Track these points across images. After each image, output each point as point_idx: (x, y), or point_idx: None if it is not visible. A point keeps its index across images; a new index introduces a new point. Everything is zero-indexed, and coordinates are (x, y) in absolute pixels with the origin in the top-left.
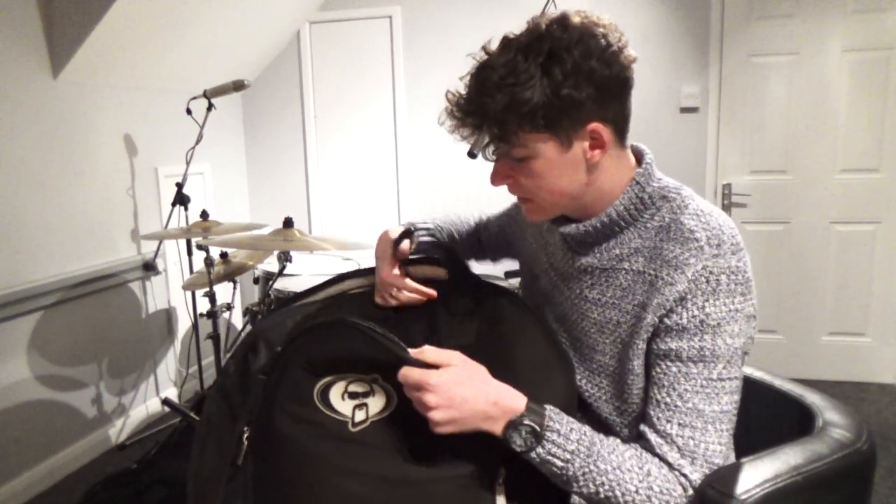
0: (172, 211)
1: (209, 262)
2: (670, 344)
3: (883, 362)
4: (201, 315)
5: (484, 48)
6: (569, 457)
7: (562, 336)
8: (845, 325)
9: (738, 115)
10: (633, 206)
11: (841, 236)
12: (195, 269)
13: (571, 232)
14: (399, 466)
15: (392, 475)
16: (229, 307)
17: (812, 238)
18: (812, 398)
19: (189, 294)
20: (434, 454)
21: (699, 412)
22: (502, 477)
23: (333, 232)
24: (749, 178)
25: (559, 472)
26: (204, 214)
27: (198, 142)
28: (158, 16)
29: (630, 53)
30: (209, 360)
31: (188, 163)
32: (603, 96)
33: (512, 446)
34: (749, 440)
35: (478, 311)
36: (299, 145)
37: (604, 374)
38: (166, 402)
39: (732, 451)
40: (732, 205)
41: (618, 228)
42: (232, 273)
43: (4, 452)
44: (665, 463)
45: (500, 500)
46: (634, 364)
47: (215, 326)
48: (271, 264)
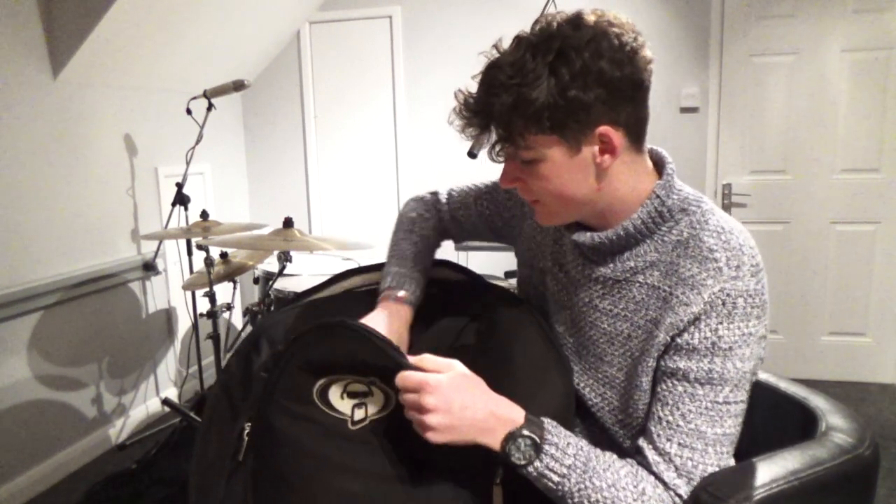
0: (172, 211)
1: (209, 262)
2: (679, 363)
3: (883, 362)
4: (201, 315)
5: (496, 46)
6: (565, 472)
7: (567, 341)
8: (845, 325)
9: (738, 115)
10: (652, 220)
11: (841, 236)
12: (195, 269)
13: (586, 242)
14: (397, 465)
15: (390, 474)
16: (229, 307)
17: (812, 238)
18: (816, 401)
19: (189, 294)
20: (432, 454)
21: (701, 434)
22: (499, 477)
23: (333, 232)
24: (749, 178)
25: (555, 488)
26: (204, 214)
27: (198, 142)
28: (158, 16)
29: (647, 55)
30: (209, 360)
31: (188, 163)
32: (614, 98)
33: (510, 460)
34: (753, 443)
35: (478, 313)
36: (299, 145)
37: (609, 385)
38: (166, 402)
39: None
40: (732, 205)
41: (634, 240)
42: (232, 273)
43: (4, 452)
44: (661, 482)
45: (497, 501)
46: (643, 380)
47: (215, 326)
48: (271, 264)
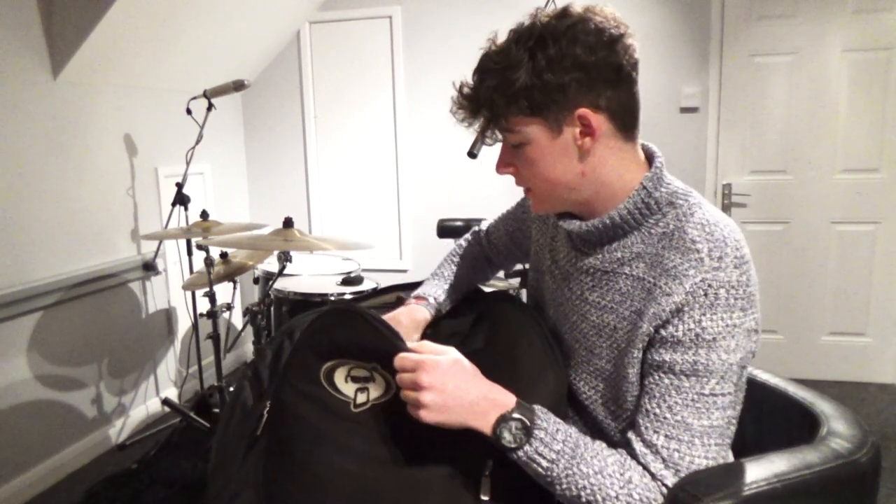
0: (172, 211)
1: (209, 262)
2: (664, 356)
3: (883, 362)
4: (201, 315)
5: (492, 40)
6: (554, 457)
7: (563, 336)
8: (845, 325)
9: (738, 115)
10: (639, 211)
11: (841, 236)
12: (195, 269)
13: (574, 229)
14: (392, 450)
15: (385, 458)
16: (229, 307)
17: (812, 238)
18: (822, 406)
19: (189, 294)
20: (425, 442)
21: (687, 426)
22: (489, 469)
23: (333, 232)
24: (749, 178)
25: (543, 473)
26: (204, 214)
27: (198, 142)
28: (158, 16)
29: (628, 43)
30: (209, 360)
31: (188, 163)
32: (591, 81)
33: (501, 442)
34: (758, 445)
35: (485, 317)
36: (299, 145)
37: (600, 378)
38: (166, 402)
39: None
40: (732, 205)
41: (621, 231)
42: (232, 273)
43: (4, 452)
44: (648, 472)
45: (485, 492)
46: (629, 372)
47: (215, 326)
48: (271, 264)
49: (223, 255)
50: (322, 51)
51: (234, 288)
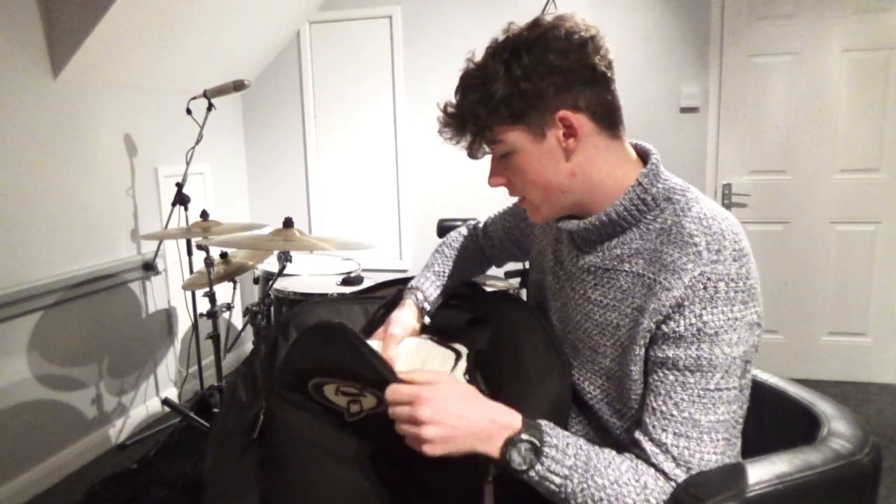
0: (172, 211)
1: (209, 262)
2: (667, 352)
3: (883, 362)
4: (201, 315)
5: (469, 59)
6: (567, 472)
7: (566, 336)
8: (845, 325)
9: (738, 115)
10: (635, 207)
11: (841, 236)
12: (195, 269)
13: (572, 228)
14: (388, 459)
15: (381, 466)
16: (229, 307)
17: (812, 238)
18: (823, 406)
19: (189, 294)
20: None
21: (695, 422)
22: (492, 475)
23: (333, 232)
24: (749, 178)
25: (557, 490)
26: (204, 214)
27: (198, 142)
28: (158, 16)
29: (599, 44)
30: (209, 360)
31: (188, 163)
32: (568, 84)
33: (511, 465)
34: (761, 447)
35: (488, 318)
36: (299, 145)
37: (605, 377)
38: (166, 402)
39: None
40: (732, 205)
41: (620, 228)
42: (232, 273)
43: (4, 452)
44: (661, 473)
45: (489, 499)
46: (632, 369)
47: (215, 326)
48: (271, 264)
49: (223, 255)
50: (322, 51)
51: (234, 288)
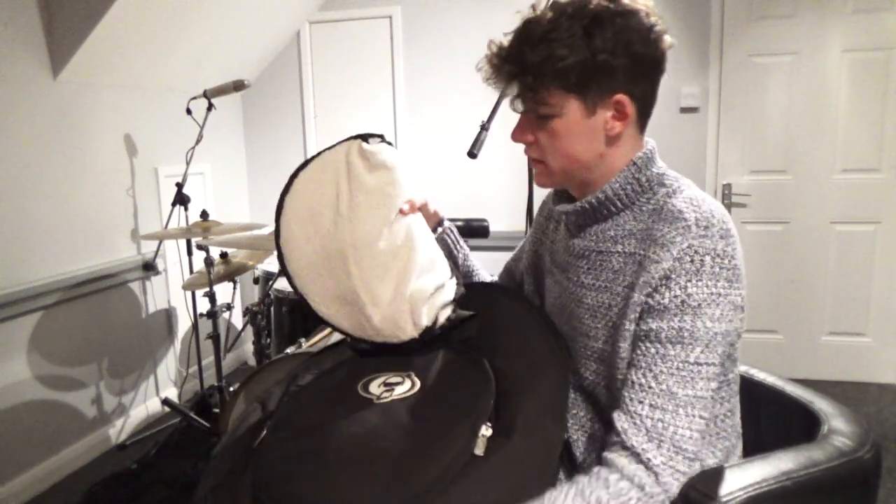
0: (172, 211)
1: (209, 262)
2: (651, 324)
3: (883, 362)
4: (201, 315)
5: (533, 7)
6: None
7: (561, 328)
8: (845, 325)
9: (738, 115)
10: (630, 187)
11: (841, 236)
12: (195, 269)
13: (569, 210)
14: (403, 424)
15: (394, 428)
16: (229, 307)
17: (812, 238)
18: (820, 404)
19: (189, 294)
20: (441, 417)
21: (672, 394)
22: (487, 432)
23: None
24: (749, 178)
25: None
26: (204, 214)
27: (198, 142)
28: (158, 16)
29: (668, 39)
30: (209, 360)
31: (188, 163)
32: (636, 70)
33: None
34: (759, 445)
35: (477, 307)
36: (299, 145)
37: (598, 360)
38: (166, 402)
39: (739, 444)
40: (732, 205)
41: (614, 209)
42: (232, 273)
43: (4, 452)
44: (624, 456)
45: (479, 448)
46: (621, 346)
47: (215, 326)
48: (271, 264)
49: (223, 255)
50: (322, 51)
51: (234, 288)
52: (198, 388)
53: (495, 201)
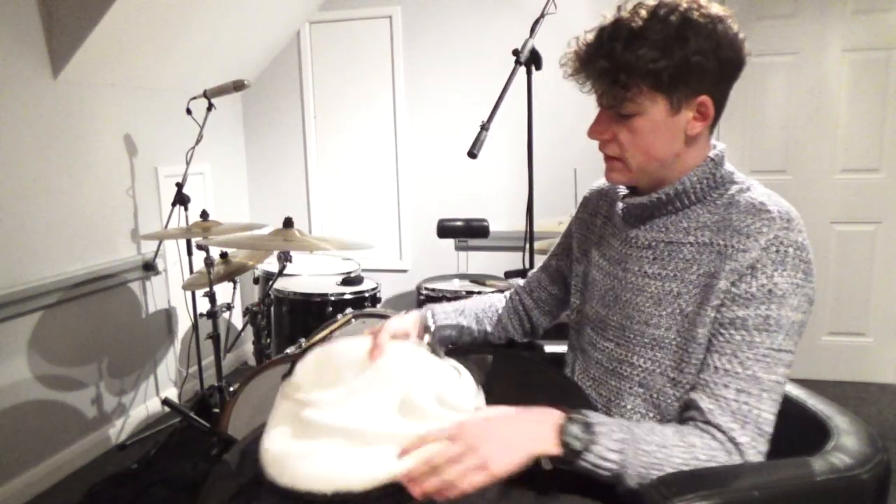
0: (172, 211)
1: (209, 262)
2: (737, 312)
3: (883, 362)
4: (201, 315)
5: (619, 7)
6: (620, 445)
7: (610, 319)
8: (845, 325)
9: (738, 115)
10: (706, 181)
11: (841, 236)
12: (195, 269)
13: (643, 202)
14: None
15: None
16: (229, 307)
17: (812, 238)
18: (838, 421)
19: (189, 294)
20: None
21: (758, 380)
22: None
23: (333, 232)
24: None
25: (616, 467)
26: (204, 214)
27: (198, 142)
28: (158, 16)
29: (748, 47)
30: (209, 360)
31: (188, 163)
32: (723, 74)
33: (572, 449)
34: (775, 455)
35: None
36: (299, 145)
37: (658, 348)
38: (166, 402)
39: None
40: None
41: (687, 201)
42: (232, 273)
43: (4, 452)
44: (712, 427)
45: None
46: (699, 332)
47: (215, 326)
48: (271, 264)
49: (223, 255)
50: (322, 51)
51: (234, 288)
52: (198, 388)
53: (495, 201)
